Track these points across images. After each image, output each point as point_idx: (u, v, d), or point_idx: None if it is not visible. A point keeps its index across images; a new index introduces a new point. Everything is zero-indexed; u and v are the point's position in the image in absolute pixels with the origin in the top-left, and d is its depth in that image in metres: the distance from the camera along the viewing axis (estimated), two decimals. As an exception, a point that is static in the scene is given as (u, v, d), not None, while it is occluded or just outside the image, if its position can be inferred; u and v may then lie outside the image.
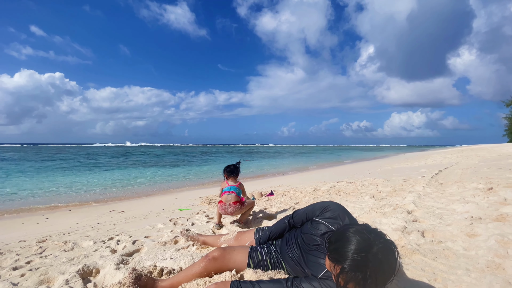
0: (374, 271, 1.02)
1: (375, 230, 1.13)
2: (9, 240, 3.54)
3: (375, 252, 1.03)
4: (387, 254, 1.05)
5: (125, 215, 5.03)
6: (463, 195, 3.57)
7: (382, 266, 1.03)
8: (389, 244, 1.08)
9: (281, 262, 1.61)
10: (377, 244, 1.05)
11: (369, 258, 1.02)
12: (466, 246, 1.90)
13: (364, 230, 1.11)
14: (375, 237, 1.08)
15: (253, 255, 1.62)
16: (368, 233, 1.09)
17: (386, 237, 1.12)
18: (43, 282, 1.89)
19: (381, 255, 1.03)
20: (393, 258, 1.07)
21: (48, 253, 2.70)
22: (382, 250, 1.04)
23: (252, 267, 1.60)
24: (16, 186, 9.61)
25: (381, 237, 1.09)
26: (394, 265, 1.07)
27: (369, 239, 1.06)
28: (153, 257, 2.22)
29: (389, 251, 1.07)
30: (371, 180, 6.61)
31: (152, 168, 17.27)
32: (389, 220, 2.60)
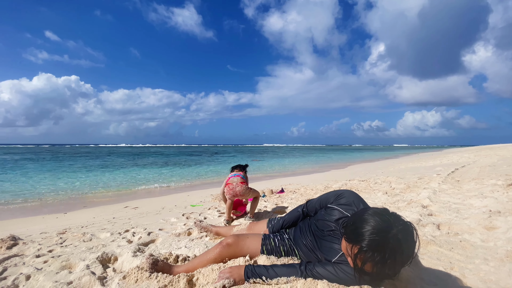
0: (393, 252, 1.02)
1: (394, 213, 1.13)
2: (31, 232, 3.70)
3: (394, 233, 1.03)
4: (407, 236, 1.05)
5: (139, 210, 5.15)
6: (481, 191, 3.47)
7: (401, 247, 1.03)
8: (408, 226, 1.08)
9: (294, 249, 1.62)
10: (397, 225, 1.05)
11: (389, 238, 1.02)
12: (484, 238, 1.86)
13: (384, 212, 1.11)
14: (394, 219, 1.08)
15: (266, 242, 1.65)
16: (388, 215, 1.09)
17: (406, 219, 1.12)
18: (65, 267, 1.97)
19: (401, 236, 1.03)
20: (412, 241, 1.06)
21: (68, 243, 2.81)
22: (402, 231, 1.04)
23: (266, 253, 1.62)
24: (34, 183, 10.01)
25: (401, 220, 1.09)
26: (413, 247, 1.07)
27: (388, 220, 1.07)
28: (168, 246, 2.28)
29: (409, 233, 1.06)
30: (384, 178, 6.50)
31: (164, 167, 17.57)
32: (403, 213, 2.56)
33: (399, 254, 1.03)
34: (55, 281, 1.69)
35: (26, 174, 13.22)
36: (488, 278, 1.33)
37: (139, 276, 1.56)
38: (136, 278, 1.55)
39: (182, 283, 1.48)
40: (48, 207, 6.37)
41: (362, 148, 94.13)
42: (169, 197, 7.10)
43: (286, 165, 18.21)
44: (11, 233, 3.08)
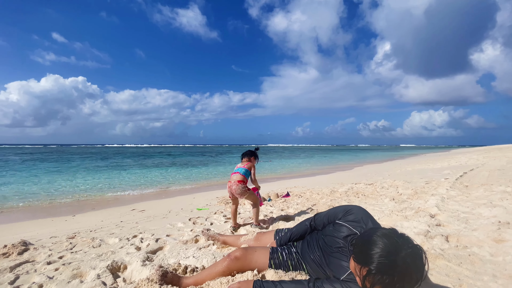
0: (402, 275, 1.02)
1: (403, 235, 1.13)
2: (41, 236, 3.78)
3: (403, 256, 1.03)
4: (415, 259, 1.05)
5: (146, 214, 5.21)
6: (490, 199, 3.43)
7: (410, 270, 1.03)
8: (417, 250, 1.09)
9: (302, 263, 1.63)
10: (406, 248, 1.06)
11: (398, 262, 1.03)
12: (493, 252, 1.84)
13: (392, 233, 1.12)
14: (403, 242, 1.08)
15: (274, 256, 1.66)
16: (396, 237, 1.09)
17: (414, 242, 1.12)
18: (76, 276, 2.02)
19: (410, 259, 1.04)
20: (421, 264, 1.07)
21: (78, 249, 2.86)
22: (410, 255, 1.05)
23: (274, 267, 1.63)
24: (43, 184, 10.20)
25: (410, 242, 1.10)
26: (422, 271, 1.07)
27: (397, 242, 1.07)
28: (176, 255, 2.31)
29: (417, 256, 1.07)
30: (390, 182, 6.45)
31: (170, 168, 17.71)
32: (411, 223, 2.55)
33: (408, 278, 1.03)
34: (67, 291, 1.73)
35: (35, 175, 13.47)
36: (497, 297, 1.32)
37: (149, 288, 1.59)
38: (146, 290, 1.58)
39: (191, 296, 1.50)
40: (56, 209, 6.49)
41: (368, 148, 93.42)
42: (175, 199, 7.16)
43: (291, 166, 18.18)
44: (22, 238, 3.16)
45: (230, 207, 3.27)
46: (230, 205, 5.21)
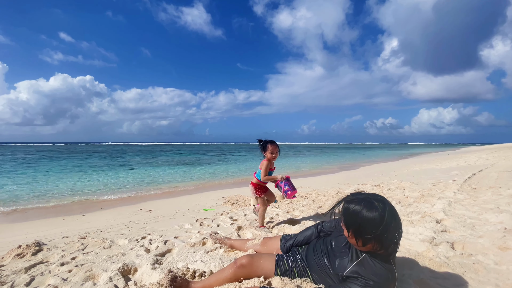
0: (384, 227, 1.28)
1: (380, 197, 1.39)
2: (53, 236, 3.91)
3: (382, 212, 1.30)
4: (392, 213, 1.33)
5: (154, 214, 5.31)
6: (497, 203, 3.40)
7: (390, 222, 1.30)
8: (391, 206, 1.36)
9: (306, 270, 1.67)
10: (383, 206, 1.32)
11: (379, 217, 1.28)
12: (498, 260, 1.85)
13: (371, 197, 1.38)
14: (381, 200, 1.36)
15: (280, 263, 1.71)
16: (375, 199, 1.36)
17: (388, 201, 1.38)
18: (89, 278, 2.10)
19: (388, 214, 1.30)
20: (397, 216, 1.36)
21: (89, 250, 2.96)
22: (388, 210, 1.32)
23: (280, 275, 1.68)
24: (52, 183, 10.45)
25: (386, 201, 1.37)
26: (399, 221, 1.36)
27: (376, 203, 1.33)
28: (184, 258, 2.37)
29: (393, 210, 1.36)
30: (397, 183, 6.42)
31: (176, 166, 17.90)
32: (416, 229, 2.56)
33: (391, 228, 1.31)
34: (81, 293, 1.81)
35: (45, 173, 13.79)
36: (500, 309, 1.34)
37: (159, 293, 1.65)
38: (156, 295, 1.65)
39: (199, 302, 1.56)
40: (67, 208, 6.66)
41: (375, 147, 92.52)
42: (182, 199, 7.27)
43: (297, 165, 18.17)
44: (35, 239, 3.28)
45: (238, 208, 3.33)
46: (236, 206, 5.28)
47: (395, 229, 1.33)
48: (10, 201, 7.37)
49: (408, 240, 2.33)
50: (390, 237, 1.31)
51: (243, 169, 16.30)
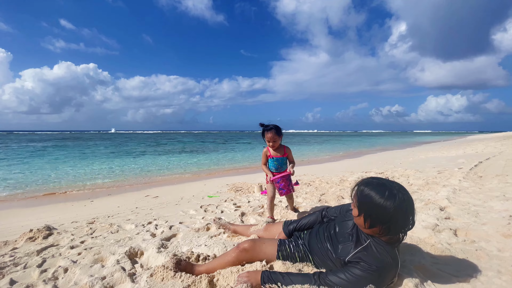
0: (395, 214, 1.28)
1: (396, 183, 1.38)
2: (63, 220, 4.02)
3: (395, 199, 1.29)
4: (405, 200, 1.31)
5: (160, 200, 5.41)
6: (503, 191, 3.37)
7: (402, 211, 1.29)
8: (407, 195, 1.34)
9: (308, 255, 1.70)
10: (397, 192, 1.31)
11: (390, 204, 1.28)
12: (501, 247, 1.85)
13: (386, 182, 1.37)
14: (396, 187, 1.34)
15: (282, 248, 1.74)
16: (389, 184, 1.35)
17: (405, 189, 1.36)
18: (97, 261, 2.17)
19: (399, 202, 1.29)
20: (411, 204, 1.33)
21: (97, 234, 3.05)
22: (402, 199, 1.30)
23: (281, 259, 1.71)
24: (61, 170, 10.67)
25: (402, 188, 1.35)
26: (413, 210, 1.34)
27: (389, 188, 1.33)
28: (188, 242, 2.43)
29: (407, 198, 1.32)
30: (402, 171, 6.39)
31: (181, 154, 18.06)
32: (419, 216, 2.56)
33: (400, 216, 1.31)
34: (90, 275, 1.88)
35: (55, 161, 14.07)
36: (500, 293, 1.35)
37: (165, 275, 1.70)
38: (162, 276, 1.70)
39: (204, 284, 1.61)
40: (75, 194, 6.82)
41: (381, 134, 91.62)
42: (187, 186, 7.37)
43: (301, 153, 18.16)
44: (46, 223, 3.38)
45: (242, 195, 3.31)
46: (240, 193, 5.34)
47: (406, 219, 1.32)
48: (21, 187, 7.58)
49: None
50: (399, 226, 1.33)
51: (247, 157, 16.37)
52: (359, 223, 1.44)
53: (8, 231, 3.53)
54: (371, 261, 1.35)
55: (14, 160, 13.88)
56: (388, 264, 1.35)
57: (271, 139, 2.93)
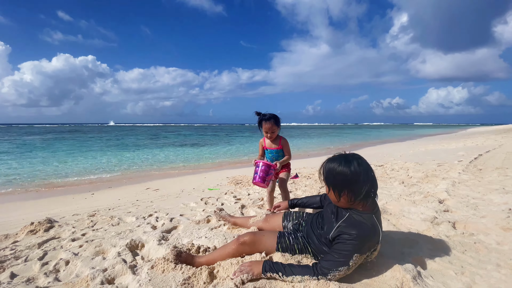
0: (356, 176, 1.42)
1: (353, 154, 1.55)
2: (64, 213, 4.04)
3: (355, 164, 1.44)
4: (364, 164, 1.48)
5: (160, 193, 5.43)
6: (503, 184, 3.37)
7: (363, 172, 1.44)
8: (364, 159, 1.51)
9: (307, 246, 1.71)
10: (356, 160, 1.48)
11: (351, 169, 1.42)
12: (500, 240, 1.86)
13: (346, 155, 1.54)
14: (353, 156, 1.52)
15: (281, 240, 1.75)
16: (350, 156, 1.52)
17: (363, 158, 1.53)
18: (99, 253, 2.19)
19: (359, 166, 1.44)
20: (369, 167, 1.51)
21: (98, 227, 3.07)
22: (360, 163, 1.46)
23: (281, 251, 1.73)
24: (61, 163, 10.69)
25: (359, 156, 1.52)
26: (372, 171, 1.50)
27: (348, 158, 1.50)
28: (189, 234, 2.44)
29: (365, 162, 1.50)
30: (401, 163, 6.40)
31: (181, 147, 18.07)
32: (418, 209, 2.57)
33: (362, 177, 1.44)
34: (92, 267, 1.89)
35: (55, 154, 14.08)
36: (497, 286, 1.36)
37: (166, 267, 1.72)
38: (163, 268, 1.71)
39: (204, 275, 1.62)
40: (76, 187, 6.85)
41: (381, 127, 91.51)
42: (187, 179, 7.40)
43: (301, 146, 18.17)
44: (47, 216, 3.40)
45: (242, 187, 3.30)
46: (240, 185, 5.36)
47: (366, 180, 1.44)
48: (22, 180, 7.60)
49: (409, 219, 2.35)
50: (362, 187, 1.43)
51: (247, 150, 16.38)
52: (332, 199, 1.56)
53: (9, 224, 3.55)
54: (350, 230, 1.43)
55: (14, 153, 13.90)
56: (366, 230, 1.43)
57: (269, 130, 2.77)
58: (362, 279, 1.50)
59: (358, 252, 1.41)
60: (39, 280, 1.79)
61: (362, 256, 1.44)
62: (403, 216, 2.45)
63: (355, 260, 1.41)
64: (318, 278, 1.42)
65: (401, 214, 2.49)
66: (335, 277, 1.42)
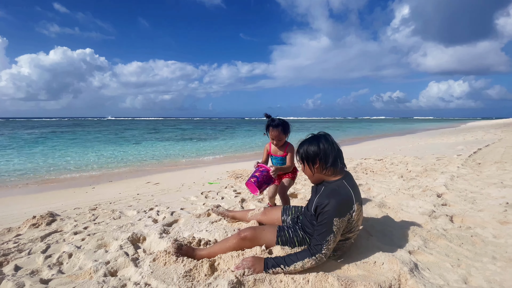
0: (321, 148, 1.64)
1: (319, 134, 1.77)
2: (65, 207, 4.07)
3: (321, 141, 1.67)
4: (328, 139, 1.71)
5: (161, 187, 5.46)
6: (501, 178, 3.40)
7: (328, 146, 1.66)
8: (328, 135, 1.75)
9: (306, 239, 1.74)
10: (322, 137, 1.73)
11: (318, 145, 1.65)
12: (497, 233, 1.89)
13: (314, 135, 1.77)
14: (320, 134, 1.76)
15: (281, 234, 1.78)
16: (317, 135, 1.77)
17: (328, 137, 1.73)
18: (101, 246, 2.22)
19: (324, 141, 1.67)
20: (332, 140, 1.72)
21: (100, 220, 3.10)
22: (325, 138, 1.70)
23: (281, 244, 1.76)
24: (61, 157, 10.72)
25: (325, 134, 1.76)
26: (335, 143, 1.71)
27: (316, 136, 1.74)
28: (190, 228, 2.47)
29: (329, 137, 1.73)
30: (401, 157, 6.42)
31: (181, 141, 18.08)
32: (416, 203, 2.60)
33: (328, 150, 1.65)
34: (95, 260, 1.93)
35: (54, 148, 14.10)
36: (493, 278, 1.39)
37: (167, 260, 1.75)
38: (165, 261, 1.74)
39: (205, 268, 1.65)
40: (77, 181, 6.88)
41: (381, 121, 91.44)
42: (187, 172, 7.42)
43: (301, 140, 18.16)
44: (49, 210, 3.43)
45: (242, 182, 3.26)
46: (240, 179, 5.39)
47: (332, 150, 1.65)
48: (23, 174, 7.63)
49: (407, 213, 2.38)
50: (329, 155, 1.63)
51: (247, 144, 16.40)
52: (308, 174, 1.75)
53: (11, 218, 3.58)
54: (324, 199, 1.55)
55: (14, 148, 13.91)
56: (337, 193, 1.55)
57: (276, 137, 2.62)
58: (360, 272, 1.53)
59: (337, 216, 1.49)
60: (43, 272, 1.82)
61: (342, 220, 1.51)
62: (401, 209, 2.47)
63: (337, 224, 1.49)
64: (316, 257, 1.48)
65: (400, 208, 2.52)
66: (328, 249, 1.49)
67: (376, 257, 1.63)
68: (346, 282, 1.38)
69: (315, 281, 1.42)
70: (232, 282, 1.43)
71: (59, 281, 1.68)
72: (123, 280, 1.59)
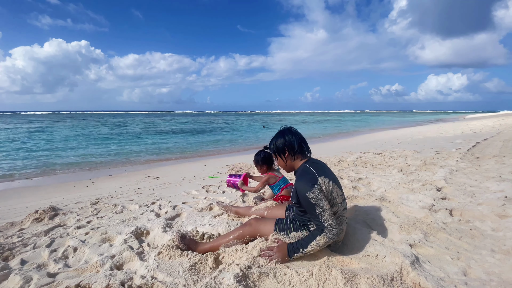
0: (289, 139, 1.83)
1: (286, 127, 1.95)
2: (67, 201, 4.09)
3: (288, 133, 1.86)
4: (292, 130, 1.91)
5: (161, 181, 5.48)
6: (500, 172, 3.44)
7: (294, 135, 1.86)
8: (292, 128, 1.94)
9: (301, 225, 1.77)
10: (289, 129, 1.91)
11: (284, 137, 1.84)
12: (495, 227, 1.92)
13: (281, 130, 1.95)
14: (285, 128, 1.95)
15: (278, 221, 1.84)
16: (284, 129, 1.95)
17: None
18: (105, 240, 2.25)
19: (289, 133, 1.87)
20: (295, 130, 1.92)
21: (102, 214, 3.12)
22: (290, 129, 1.91)
23: (278, 230, 1.80)
24: (59, 151, 10.69)
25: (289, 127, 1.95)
26: (298, 132, 1.91)
27: (282, 130, 1.93)
28: (193, 222, 2.50)
29: (292, 128, 1.93)
30: (400, 151, 6.46)
31: (180, 135, 18.05)
32: (416, 197, 2.63)
33: (294, 139, 1.83)
34: (100, 254, 1.95)
35: (53, 142, 14.04)
36: (492, 270, 1.42)
37: (172, 254, 1.77)
38: (170, 255, 1.77)
39: (210, 261, 1.68)
40: (77, 175, 6.89)
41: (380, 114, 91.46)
42: (187, 166, 7.44)
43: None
44: (51, 204, 3.44)
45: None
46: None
47: (297, 139, 1.83)
48: (24, 168, 7.63)
49: (407, 207, 2.41)
50: (294, 144, 1.81)
51: (246, 137, 16.40)
52: (281, 165, 1.91)
53: (13, 212, 3.60)
54: (296, 185, 1.72)
55: (12, 142, 13.84)
56: (301, 175, 1.71)
57: (257, 170, 3.02)
58: (362, 265, 1.56)
59: (307, 190, 1.59)
60: (49, 266, 1.85)
61: (314, 191, 1.58)
62: (401, 203, 2.51)
63: (312, 197, 1.58)
64: (325, 232, 1.56)
65: (400, 202, 2.56)
66: (326, 220, 1.57)
67: (378, 250, 1.66)
68: (349, 275, 1.41)
69: (319, 274, 1.45)
70: (237, 275, 1.46)
71: (66, 275, 1.70)
72: (129, 273, 1.62)
